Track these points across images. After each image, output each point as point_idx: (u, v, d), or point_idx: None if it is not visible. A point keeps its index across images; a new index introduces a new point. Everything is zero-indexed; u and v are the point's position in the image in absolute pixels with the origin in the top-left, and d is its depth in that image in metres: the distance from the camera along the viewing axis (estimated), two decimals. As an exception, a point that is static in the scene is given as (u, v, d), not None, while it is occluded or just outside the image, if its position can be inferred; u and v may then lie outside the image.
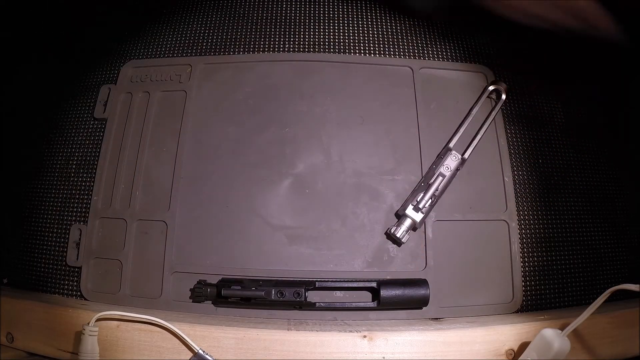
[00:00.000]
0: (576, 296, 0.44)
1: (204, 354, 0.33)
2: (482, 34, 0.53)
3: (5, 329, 0.36)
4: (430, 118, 0.48)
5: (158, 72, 0.50)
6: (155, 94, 0.49)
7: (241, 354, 0.33)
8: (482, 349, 0.34)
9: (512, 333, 0.34)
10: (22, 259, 0.46)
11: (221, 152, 0.46)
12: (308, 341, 0.34)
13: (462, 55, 0.52)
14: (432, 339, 0.34)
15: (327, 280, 0.42)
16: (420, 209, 0.42)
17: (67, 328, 0.35)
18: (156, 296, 0.42)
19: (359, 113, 0.48)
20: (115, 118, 0.48)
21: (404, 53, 0.51)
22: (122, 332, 0.34)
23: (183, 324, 0.34)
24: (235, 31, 0.53)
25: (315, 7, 0.54)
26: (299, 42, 0.52)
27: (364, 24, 0.53)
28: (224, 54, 0.51)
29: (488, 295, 0.42)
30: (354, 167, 0.46)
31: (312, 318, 0.41)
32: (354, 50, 0.51)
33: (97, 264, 0.44)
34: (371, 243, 0.44)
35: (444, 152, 0.45)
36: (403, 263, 0.43)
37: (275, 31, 0.53)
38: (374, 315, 0.41)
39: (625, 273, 0.46)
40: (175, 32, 0.53)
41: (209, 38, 0.53)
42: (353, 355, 0.33)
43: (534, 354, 0.32)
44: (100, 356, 0.33)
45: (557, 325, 0.34)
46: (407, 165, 0.46)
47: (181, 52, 0.52)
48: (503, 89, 0.47)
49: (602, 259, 0.46)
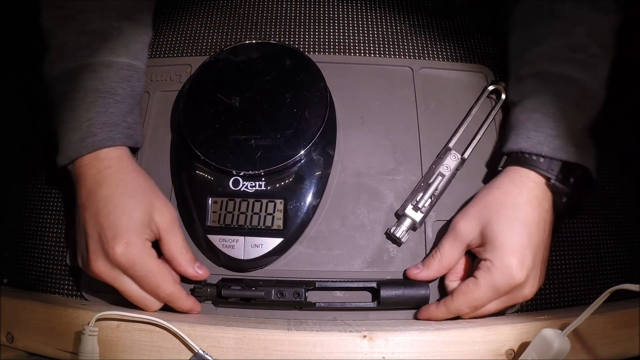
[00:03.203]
0: (576, 296, 0.44)
1: (204, 354, 0.33)
2: (482, 34, 0.53)
3: (5, 329, 0.36)
4: (430, 118, 0.48)
5: (158, 72, 0.50)
6: (155, 94, 0.49)
7: (241, 354, 0.33)
8: (482, 349, 0.34)
9: (512, 333, 0.34)
10: (22, 259, 0.46)
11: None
12: (308, 341, 0.34)
13: (462, 55, 0.52)
14: (432, 339, 0.34)
15: (327, 280, 0.42)
16: (419, 209, 0.42)
17: (67, 328, 0.35)
18: (156, 296, 0.42)
19: (359, 113, 0.48)
20: (115, 118, 0.48)
21: (404, 53, 0.51)
22: (122, 332, 0.34)
23: (183, 324, 0.34)
24: (235, 31, 0.53)
25: (315, 7, 0.54)
26: (299, 42, 0.52)
27: (364, 25, 0.53)
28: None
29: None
30: (354, 167, 0.46)
31: (312, 318, 0.41)
32: (354, 50, 0.51)
33: (97, 264, 0.44)
34: (371, 243, 0.44)
35: (444, 152, 0.45)
36: (403, 263, 0.43)
37: (275, 31, 0.53)
38: (374, 315, 0.41)
39: (625, 273, 0.46)
40: (175, 32, 0.53)
41: (209, 38, 0.53)
42: (353, 355, 0.33)
43: (534, 354, 0.32)
44: (100, 356, 0.33)
45: (557, 325, 0.34)
46: (407, 165, 0.46)
47: (181, 52, 0.52)
48: (503, 89, 0.47)
49: (602, 259, 0.46)
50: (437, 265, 0.41)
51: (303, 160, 0.43)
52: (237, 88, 0.44)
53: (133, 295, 0.38)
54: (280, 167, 0.42)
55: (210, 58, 0.46)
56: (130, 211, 0.37)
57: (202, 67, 0.46)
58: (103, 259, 0.37)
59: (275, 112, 0.43)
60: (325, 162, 0.44)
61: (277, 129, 0.42)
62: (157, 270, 0.37)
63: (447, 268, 0.41)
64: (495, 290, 0.37)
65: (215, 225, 0.42)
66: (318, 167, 0.43)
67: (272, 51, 0.47)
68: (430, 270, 0.41)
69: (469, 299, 0.38)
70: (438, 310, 0.39)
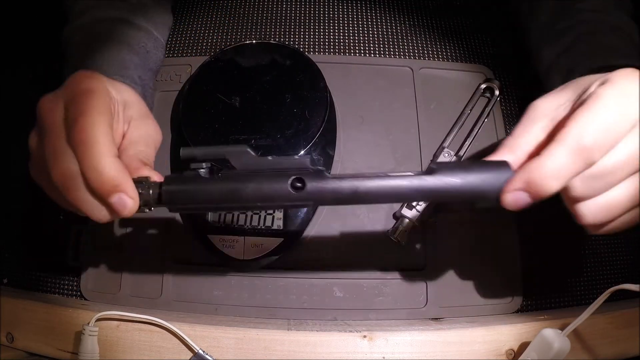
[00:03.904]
0: (576, 296, 0.44)
1: (204, 354, 0.33)
2: (481, 34, 0.53)
3: (5, 329, 0.36)
4: (430, 118, 0.48)
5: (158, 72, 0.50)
6: (155, 94, 0.49)
7: (241, 354, 0.33)
8: (482, 349, 0.34)
9: (512, 333, 0.34)
10: (22, 259, 0.46)
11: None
12: (308, 341, 0.34)
13: (462, 55, 0.52)
14: (432, 339, 0.34)
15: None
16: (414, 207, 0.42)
17: (67, 328, 0.35)
18: (156, 296, 0.42)
19: (359, 113, 0.48)
20: (115, 118, 0.48)
21: (404, 53, 0.51)
22: (122, 332, 0.34)
23: (183, 324, 0.34)
24: (235, 31, 0.53)
25: (315, 7, 0.54)
26: (299, 42, 0.52)
27: (364, 25, 0.53)
28: (224, 54, 0.51)
29: (488, 295, 0.42)
30: (354, 167, 0.46)
31: (312, 318, 0.41)
32: (354, 50, 0.51)
33: (97, 264, 0.44)
34: (371, 243, 0.44)
35: (439, 151, 0.45)
36: (404, 263, 0.43)
37: (275, 31, 0.53)
38: (374, 315, 0.41)
39: (625, 273, 0.46)
40: (175, 32, 0.53)
41: (209, 38, 0.53)
42: (353, 355, 0.33)
43: (534, 354, 0.32)
44: (100, 356, 0.34)
45: (557, 325, 0.34)
46: (407, 165, 0.46)
47: (181, 52, 0.52)
48: (496, 86, 0.47)
49: (602, 259, 0.46)
50: (510, 142, 0.29)
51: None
52: (237, 88, 0.44)
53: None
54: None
55: (210, 58, 0.46)
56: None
57: (202, 67, 0.46)
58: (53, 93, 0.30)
59: (275, 112, 0.43)
60: (325, 162, 0.44)
61: (277, 129, 0.42)
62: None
63: (522, 147, 0.29)
64: (627, 98, 0.26)
65: (215, 225, 0.42)
66: (318, 167, 0.43)
67: (272, 51, 0.47)
68: (500, 151, 0.29)
69: (595, 115, 0.25)
70: (545, 157, 0.26)
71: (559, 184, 0.26)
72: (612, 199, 0.27)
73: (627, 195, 0.27)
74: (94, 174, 0.27)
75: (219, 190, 0.28)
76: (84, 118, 0.27)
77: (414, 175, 0.27)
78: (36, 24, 0.56)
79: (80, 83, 0.30)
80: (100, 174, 0.27)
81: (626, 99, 0.26)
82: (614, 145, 0.25)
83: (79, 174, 0.27)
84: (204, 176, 0.28)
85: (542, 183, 0.26)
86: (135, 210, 0.28)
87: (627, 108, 0.26)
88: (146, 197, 0.28)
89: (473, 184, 0.27)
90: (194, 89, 0.45)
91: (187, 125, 0.43)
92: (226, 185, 0.28)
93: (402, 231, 0.42)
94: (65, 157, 0.27)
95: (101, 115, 0.28)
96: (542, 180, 0.26)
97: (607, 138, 0.25)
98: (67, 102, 0.29)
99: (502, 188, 0.27)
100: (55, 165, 0.27)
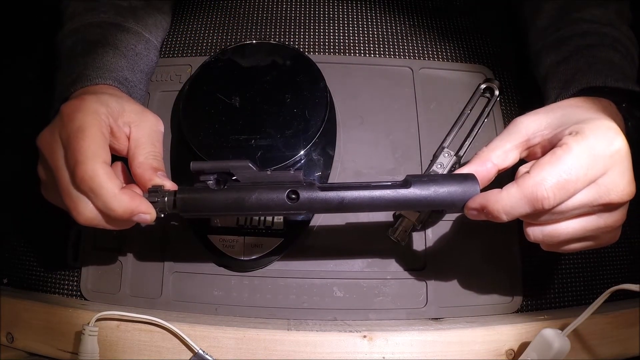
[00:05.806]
0: (576, 296, 0.44)
1: (204, 354, 0.33)
2: (481, 34, 0.53)
3: (5, 329, 0.36)
4: (430, 118, 0.48)
5: (158, 72, 0.50)
6: (155, 94, 0.49)
7: (241, 354, 0.33)
8: (482, 349, 0.34)
9: (512, 333, 0.34)
10: (22, 259, 0.46)
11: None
12: (308, 341, 0.34)
13: (461, 55, 0.52)
14: (432, 339, 0.34)
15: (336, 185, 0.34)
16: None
17: (67, 328, 0.35)
18: (156, 296, 0.42)
19: (359, 113, 0.48)
20: (115, 118, 0.48)
21: (403, 53, 0.51)
22: (122, 332, 0.34)
23: (183, 324, 0.34)
24: (235, 31, 0.53)
25: (315, 7, 0.54)
26: (299, 42, 0.52)
27: (364, 25, 0.53)
28: (224, 54, 0.51)
29: (488, 295, 0.42)
30: (354, 167, 0.46)
31: (312, 318, 0.41)
32: (354, 50, 0.51)
33: (97, 264, 0.44)
34: (372, 243, 0.43)
35: (439, 151, 0.45)
36: (404, 263, 0.43)
37: (275, 31, 0.53)
38: (374, 315, 0.41)
39: (625, 273, 0.46)
40: (175, 32, 0.53)
41: (209, 38, 0.53)
42: (353, 355, 0.33)
43: (534, 354, 0.32)
44: (100, 356, 0.34)
45: (557, 325, 0.34)
46: (407, 165, 0.46)
47: (181, 52, 0.52)
48: (496, 86, 0.47)
49: (602, 259, 0.46)
50: (483, 154, 0.33)
51: (303, 160, 0.43)
52: (237, 88, 0.44)
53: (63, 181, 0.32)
54: (280, 167, 0.42)
55: (210, 58, 0.46)
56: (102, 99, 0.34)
57: (202, 67, 0.46)
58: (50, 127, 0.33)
59: (275, 112, 0.43)
60: (325, 162, 0.44)
61: (277, 129, 0.42)
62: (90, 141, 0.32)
63: (492, 161, 0.33)
64: (591, 158, 0.28)
65: (215, 225, 0.42)
66: (318, 167, 0.43)
67: (272, 51, 0.47)
68: (473, 162, 0.33)
69: (556, 171, 0.28)
70: (503, 194, 0.29)
71: (508, 218, 0.30)
72: (556, 230, 0.30)
73: (573, 230, 0.30)
74: (110, 213, 0.31)
75: (225, 200, 0.32)
76: (82, 167, 0.31)
77: (393, 186, 0.32)
78: (36, 23, 0.56)
79: (71, 120, 0.32)
80: (115, 211, 0.31)
81: (591, 159, 0.28)
82: (568, 199, 0.29)
83: (98, 213, 0.32)
84: (211, 187, 0.32)
85: (494, 214, 0.30)
86: (155, 217, 0.33)
87: (588, 169, 0.28)
88: (161, 204, 0.33)
89: (442, 195, 0.31)
90: (194, 89, 0.45)
91: (187, 125, 0.43)
92: (232, 195, 0.32)
93: (402, 231, 0.42)
94: (81, 204, 0.32)
95: (96, 157, 0.31)
96: (495, 212, 0.30)
97: (562, 194, 0.28)
98: (64, 143, 0.32)
99: (466, 203, 0.31)
100: (77, 215, 0.32)
